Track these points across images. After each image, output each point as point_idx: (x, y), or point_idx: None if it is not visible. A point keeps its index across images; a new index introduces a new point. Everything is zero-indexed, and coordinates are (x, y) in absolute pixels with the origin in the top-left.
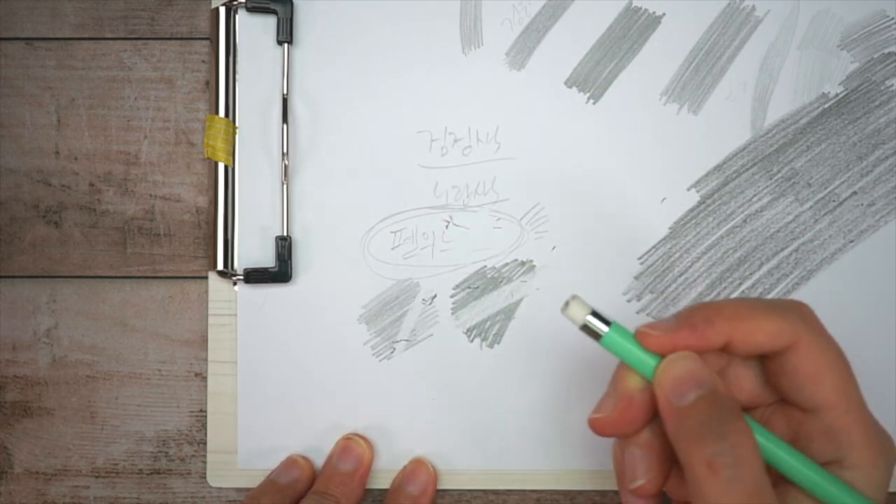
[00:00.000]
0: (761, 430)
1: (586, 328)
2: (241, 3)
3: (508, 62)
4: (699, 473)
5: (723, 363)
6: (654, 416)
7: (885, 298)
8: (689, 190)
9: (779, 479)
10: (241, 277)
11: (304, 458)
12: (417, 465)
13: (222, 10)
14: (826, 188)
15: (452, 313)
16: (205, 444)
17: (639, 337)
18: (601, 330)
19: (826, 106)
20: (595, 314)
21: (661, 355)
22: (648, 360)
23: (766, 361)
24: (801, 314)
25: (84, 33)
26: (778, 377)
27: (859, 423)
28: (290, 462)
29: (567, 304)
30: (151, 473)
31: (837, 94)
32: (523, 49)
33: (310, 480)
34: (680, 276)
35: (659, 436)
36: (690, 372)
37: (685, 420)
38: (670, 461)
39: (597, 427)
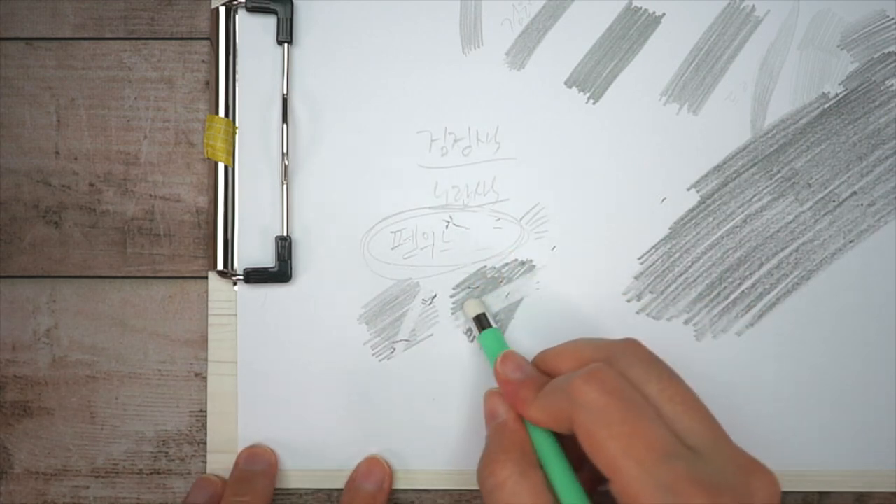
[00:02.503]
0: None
1: (476, 320)
2: (241, 3)
3: (508, 62)
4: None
5: None
6: None
7: (885, 298)
8: (689, 190)
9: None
10: (241, 277)
11: (216, 475)
12: (372, 462)
13: (222, 10)
14: (826, 188)
15: (452, 313)
16: (205, 444)
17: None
18: (476, 332)
19: (826, 106)
20: (480, 319)
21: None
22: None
23: None
24: (570, 394)
25: (84, 33)
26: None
27: (639, 495)
28: (202, 481)
29: (463, 305)
30: (151, 473)
31: (837, 94)
32: (523, 49)
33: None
34: (680, 276)
35: None
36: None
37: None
38: None
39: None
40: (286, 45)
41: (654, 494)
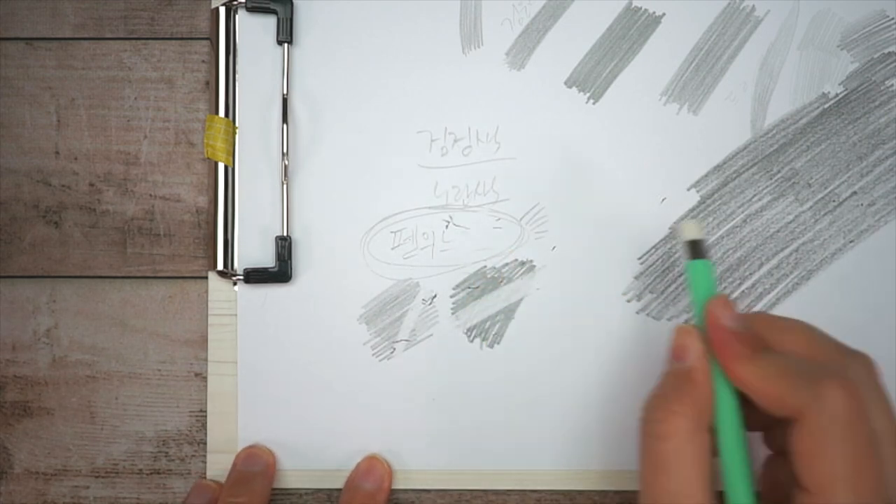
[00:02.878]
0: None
1: (690, 246)
2: (241, 3)
3: (508, 62)
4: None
5: None
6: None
7: (885, 298)
8: (689, 190)
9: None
10: (241, 277)
11: (213, 481)
12: (372, 461)
13: (222, 10)
14: (826, 188)
15: (452, 313)
16: (205, 444)
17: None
18: (695, 259)
19: (826, 106)
20: (697, 243)
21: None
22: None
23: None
24: (817, 389)
25: (84, 33)
26: (786, 441)
27: None
28: (199, 486)
29: (683, 228)
30: (151, 473)
31: (837, 94)
32: (523, 49)
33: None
34: (680, 276)
35: None
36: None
37: (729, 340)
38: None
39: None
40: (286, 45)
41: None
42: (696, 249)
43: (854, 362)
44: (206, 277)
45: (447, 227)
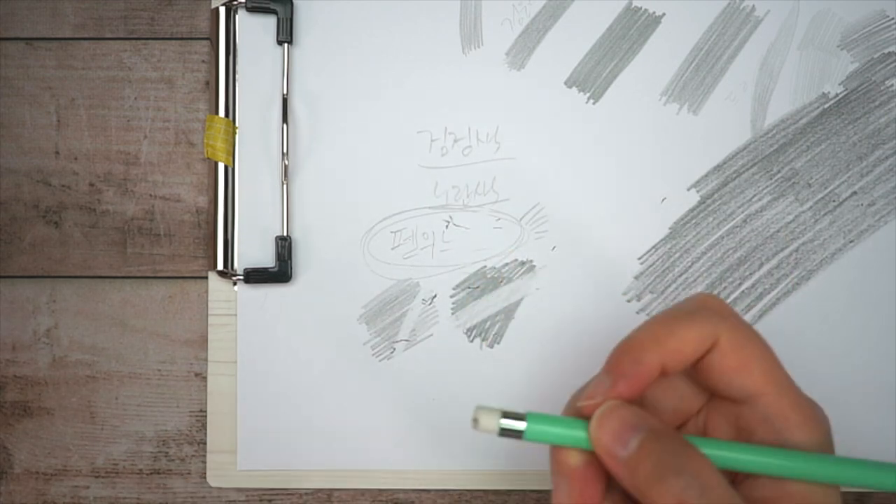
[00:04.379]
0: (705, 442)
1: (505, 432)
2: (241, 3)
3: (508, 62)
4: None
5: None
6: (608, 482)
7: (885, 298)
8: (689, 190)
9: (734, 476)
10: (241, 277)
11: None
12: None
13: (222, 10)
14: (826, 188)
15: (452, 313)
16: (205, 444)
17: (583, 411)
18: (520, 427)
19: (826, 106)
20: (506, 415)
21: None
22: (579, 432)
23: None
24: (713, 310)
25: (84, 33)
26: (706, 376)
27: (792, 403)
28: None
29: (476, 420)
30: (151, 473)
31: (837, 94)
32: (523, 49)
33: None
34: (680, 276)
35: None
36: (623, 420)
37: (638, 468)
38: None
39: None
40: (286, 45)
41: (803, 409)
42: (511, 423)
43: (705, 299)
44: (206, 277)
45: (447, 227)
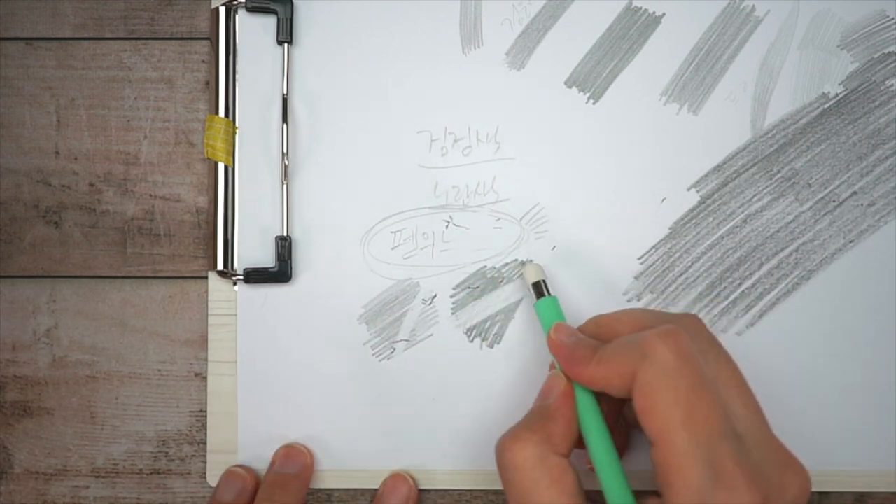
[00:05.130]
0: (594, 426)
1: (536, 286)
2: (241, 3)
3: (508, 62)
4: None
5: None
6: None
7: (885, 298)
8: (689, 190)
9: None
10: (241, 277)
11: (244, 468)
12: (397, 479)
13: (222, 10)
14: (826, 188)
15: (452, 313)
16: (205, 444)
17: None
18: (544, 294)
19: (826, 106)
20: (545, 283)
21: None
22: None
23: None
24: (642, 348)
25: (84, 33)
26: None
27: (683, 467)
28: (230, 475)
29: (523, 264)
30: (151, 473)
31: (837, 94)
32: (523, 49)
33: (254, 490)
34: (680, 276)
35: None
36: (568, 331)
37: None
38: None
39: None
40: (286, 45)
41: (698, 469)
42: (540, 290)
43: (678, 319)
44: (206, 277)
45: (447, 227)
